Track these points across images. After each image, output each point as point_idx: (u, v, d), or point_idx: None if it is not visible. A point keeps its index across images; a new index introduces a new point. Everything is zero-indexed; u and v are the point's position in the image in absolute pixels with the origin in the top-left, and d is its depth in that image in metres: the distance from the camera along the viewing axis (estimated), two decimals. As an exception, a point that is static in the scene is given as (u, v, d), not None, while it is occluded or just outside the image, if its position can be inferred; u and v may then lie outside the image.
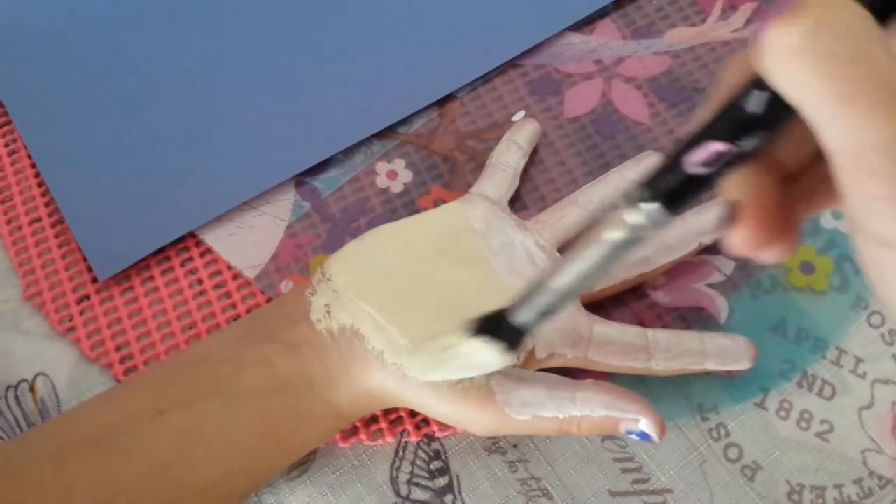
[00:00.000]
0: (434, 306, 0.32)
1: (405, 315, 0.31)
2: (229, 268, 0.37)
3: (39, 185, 0.39)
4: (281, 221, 0.38)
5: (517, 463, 0.34)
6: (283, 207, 0.39)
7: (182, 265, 0.37)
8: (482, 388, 0.30)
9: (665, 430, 0.30)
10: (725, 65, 0.41)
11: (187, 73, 0.41)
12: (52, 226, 0.38)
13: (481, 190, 0.36)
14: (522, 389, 0.30)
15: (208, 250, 0.37)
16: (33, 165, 0.39)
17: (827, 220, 0.38)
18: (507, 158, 0.38)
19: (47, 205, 0.38)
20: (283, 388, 0.30)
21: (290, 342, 0.31)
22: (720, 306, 0.37)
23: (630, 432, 0.30)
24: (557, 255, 0.35)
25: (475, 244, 0.34)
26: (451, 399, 0.30)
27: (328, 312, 0.31)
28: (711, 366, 0.34)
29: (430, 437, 0.34)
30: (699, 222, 0.36)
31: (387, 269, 0.33)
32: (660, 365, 0.33)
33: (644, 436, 0.30)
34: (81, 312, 0.36)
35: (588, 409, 0.30)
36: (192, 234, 0.38)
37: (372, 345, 0.31)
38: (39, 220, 0.38)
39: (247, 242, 0.38)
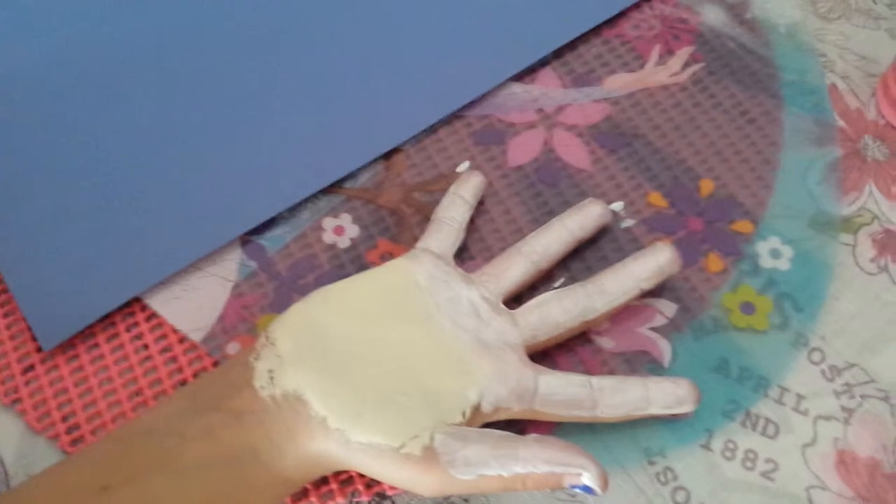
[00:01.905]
0: (379, 367, 0.32)
1: (349, 378, 0.32)
2: (175, 331, 0.37)
3: (-17, 253, 0.39)
4: (227, 282, 0.38)
5: (469, 515, 0.34)
6: (229, 267, 0.39)
7: (128, 331, 0.37)
8: (426, 450, 0.30)
9: (608, 483, 0.30)
10: (665, 109, 0.43)
11: (127, 137, 0.41)
12: (-3, 298, 0.38)
13: (426, 245, 0.37)
14: (466, 449, 0.30)
15: (154, 314, 0.37)
16: (-24, 234, 0.39)
17: (765, 260, 0.39)
18: (452, 213, 0.38)
19: (-10, 273, 0.38)
20: (228, 459, 0.30)
21: (233, 411, 0.31)
22: (663, 349, 0.37)
23: (574, 486, 0.30)
24: (502, 307, 0.36)
25: (420, 300, 0.35)
26: (396, 463, 0.30)
27: (271, 378, 0.31)
28: (656, 410, 0.34)
29: (382, 496, 0.34)
30: (640, 268, 0.36)
31: (331, 331, 0.33)
32: (605, 413, 0.34)
33: (588, 489, 0.30)
34: (27, 383, 0.36)
35: (531, 466, 0.30)
36: (137, 299, 0.38)
37: (315, 411, 0.31)
38: (-18, 289, 0.38)
39: (192, 305, 0.38)
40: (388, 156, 0.42)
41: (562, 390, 0.34)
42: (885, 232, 0.40)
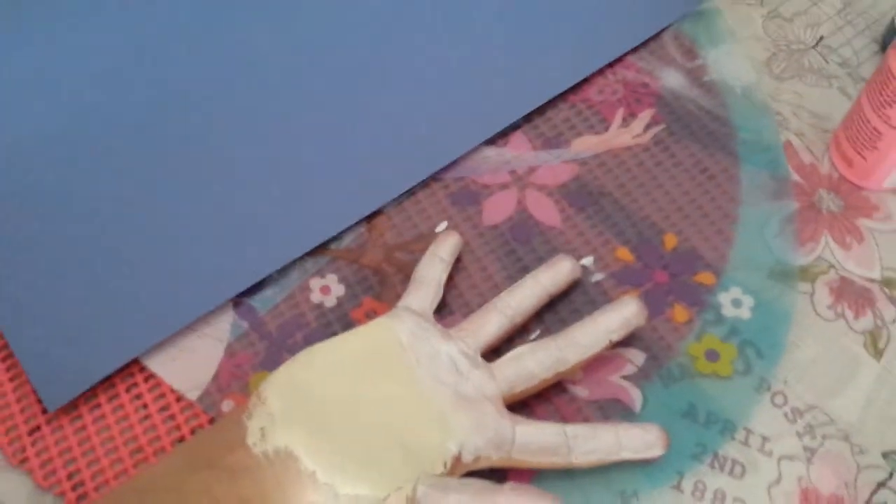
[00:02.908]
0: (363, 423, 0.34)
1: (336, 434, 0.34)
2: (172, 391, 0.39)
3: (-12, 321, 0.41)
4: (220, 342, 0.40)
5: (453, 561, 0.36)
6: (222, 328, 0.41)
7: (127, 391, 0.39)
8: (409, 501, 0.32)
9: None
10: (629, 168, 0.45)
11: (121, 208, 0.43)
12: (2, 360, 0.40)
13: (407, 304, 0.39)
14: (447, 498, 0.32)
15: (152, 375, 0.39)
16: (-19, 302, 0.41)
17: (728, 309, 0.42)
18: (431, 272, 0.41)
19: (-5, 340, 0.40)
20: None
21: (228, 468, 0.33)
22: (634, 397, 0.39)
23: None
24: (481, 360, 0.38)
25: (402, 358, 0.37)
26: None
27: (263, 436, 0.33)
28: (627, 455, 0.37)
29: (370, 542, 0.36)
30: (608, 321, 0.39)
31: (318, 390, 0.35)
32: (580, 459, 0.36)
33: None
34: (33, 443, 0.38)
35: None
36: (136, 361, 0.40)
37: (304, 465, 0.33)
38: (-11, 355, 0.40)
39: (188, 365, 0.40)
40: (370, 218, 0.44)
41: (537, 439, 0.36)
42: (841, 280, 0.43)
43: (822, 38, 0.51)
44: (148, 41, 0.48)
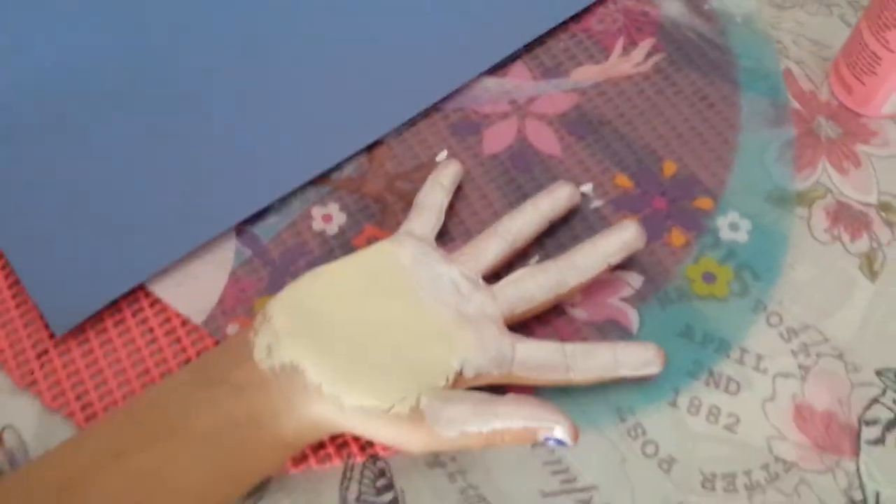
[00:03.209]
0: (367, 339, 0.35)
1: (340, 349, 0.34)
2: (178, 315, 0.40)
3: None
4: (224, 268, 0.41)
5: (456, 474, 0.37)
6: (226, 255, 0.41)
7: (134, 315, 0.40)
8: (413, 411, 0.33)
9: (579, 435, 0.33)
10: (629, 97, 0.45)
11: (128, 136, 0.44)
12: (9, 287, 0.40)
13: (409, 229, 0.40)
14: (449, 409, 0.33)
15: (157, 301, 0.40)
16: (-13, 231, 0.42)
17: (725, 233, 0.42)
18: (432, 198, 0.41)
19: (3, 267, 0.41)
20: (232, 427, 0.33)
21: (235, 383, 0.34)
22: (632, 318, 0.40)
23: (548, 439, 0.33)
24: (482, 283, 0.38)
25: (404, 279, 0.37)
26: (386, 423, 0.33)
27: (270, 352, 0.34)
28: (625, 372, 0.37)
29: (375, 457, 0.37)
30: (607, 244, 0.39)
31: (322, 308, 0.36)
32: (578, 376, 0.37)
33: (560, 442, 0.33)
34: (42, 366, 0.38)
35: (509, 422, 0.33)
36: (141, 287, 0.40)
37: (310, 379, 0.33)
38: (-4, 282, 0.41)
39: (193, 290, 0.40)
40: (370, 148, 0.45)
41: (537, 356, 0.36)
42: (837, 204, 0.43)
43: (822, -34, 0.51)
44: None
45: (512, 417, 0.33)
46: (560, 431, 0.32)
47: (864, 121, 0.45)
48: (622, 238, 0.40)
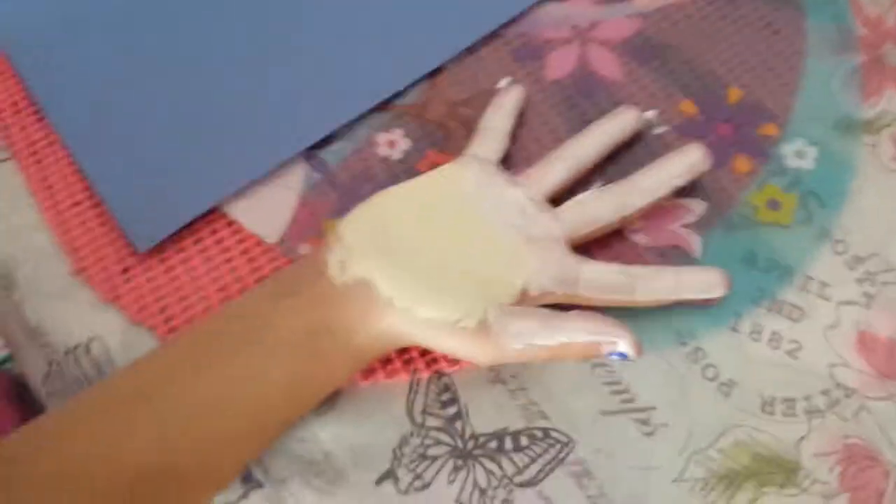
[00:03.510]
0: (436, 256, 0.36)
1: (411, 265, 0.36)
2: (253, 236, 0.41)
3: (76, 171, 0.43)
4: (295, 191, 0.42)
5: (517, 391, 0.38)
6: (297, 179, 0.43)
7: (211, 234, 0.41)
8: (480, 323, 0.34)
9: (641, 350, 0.34)
10: (694, 22, 0.45)
11: (205, 61, 0.45)
12: (93, 207, 0.42)
13: (473, 152, 0.40)
14: (517, 321, 0.34)
15: (233, 222, 0.42)
16: (69, 154, 0.43)
17: (791, 160, 0.42)
18: (496, 122, 0.41)
19: (85, 189, 0.43)
20: (307, 337, 0.34)
21: (311, 296, 0.35)
22: (694, 243, 0.40)
23: (611, 353, 0.34)
24: (546, 205, 0.39)
25: (470, 200, 0.38)
26: (454, 335, 0.34)
27: (343, 268, 0.35)
28: (688, 295, 0.38)
29: (440, 373, 0.38)
30: (672, 166, 0.40)
31: (392, 227, 0.37)
32: (641, 297, 0.37)
33: (623, 356, 0.34)
34: (126, 282, 0.40)
35: (573, 335, 0.34)
36: (217, 209, 0.42)
37: (382, 292, 0.35)
38: (80, 203, 0.42)
39: (267, 212, 0.42)
40: (432, 75, 0.45)
41: (601, 276, 0.37)
42: (906, 131, 0.43)
43: None
44: None
45: (577, 331, 0.34)
46: (623, 345, 0.33)
47: (937, 46, 0.45)
48: (687, 160, 0.40)
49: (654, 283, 0.38)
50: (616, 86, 0.44)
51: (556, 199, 0.41)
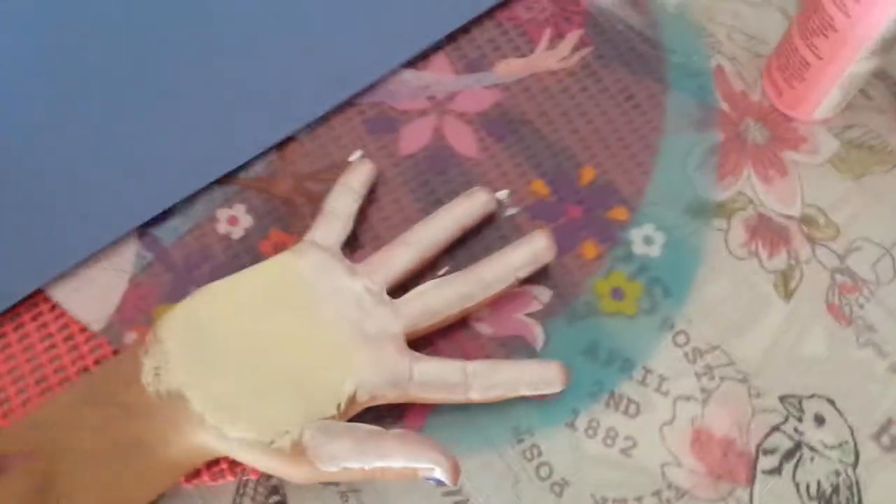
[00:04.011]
0: (258, 362, 0.35)
1: (228, 375, 0.34)
2: (76, 322, 0.39)
3: None
4: (125, 273, 0.40)
5: (349, 493, 0.37)
6: (127, 259, 0.41)
7: (33, 320, 0.39)
8: (294, 445, 0.33)
9: (458, 476, 0.33)
10: (553, 94, 0.44)
11: (30, 128, 0.42)
12: None
13: (313, 238, 0.39)
14: (331, 445, 0.33)
15: (57, 306, 0.39)
16: None
17: (638, 246, 0.41)
18: (340, 204, 0.40)
19: None
20: (118, 450, 0.33)
21: (123, 405, 0.33)
22: (537, 334, 0.40)
23: (428, 479, 0.33)
24: (385, 297, 0.38)
25: (303, 294, 0.37)
26: (267, 455, 0.33)
27: (157, 375, 0.34)
28: (525, 392, 0.37)
29: (268, 475, 0.37)
30: (516, 256, 0.38)
31: (214, 328, 0.35)
32: (477, 396, 0.37)
33: (440, 482, 0.33)
34: (-65, 375, 0.38)
35: (389, 460, 0.33)
36: (41, 291, 0.40)
37: (194, 408, 0.33)
38: None
39: (92, 296, 0.40)
40: (281, 145, 0.43)
41: (436, 377, 0.36)
42: (758, 217, 0.42)
43: (768, -48, 0.48)
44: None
45: (393, 456, 0.33)
46: (440, 473, 0.32)
47: (794, 125, 0.44)
48: (531, 251, 0.39)
49: (490, 381, 0.37)
50: (470, 162, 0.43)
51: (403, 285, 0.39)
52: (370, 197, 0.42)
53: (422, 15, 0.45)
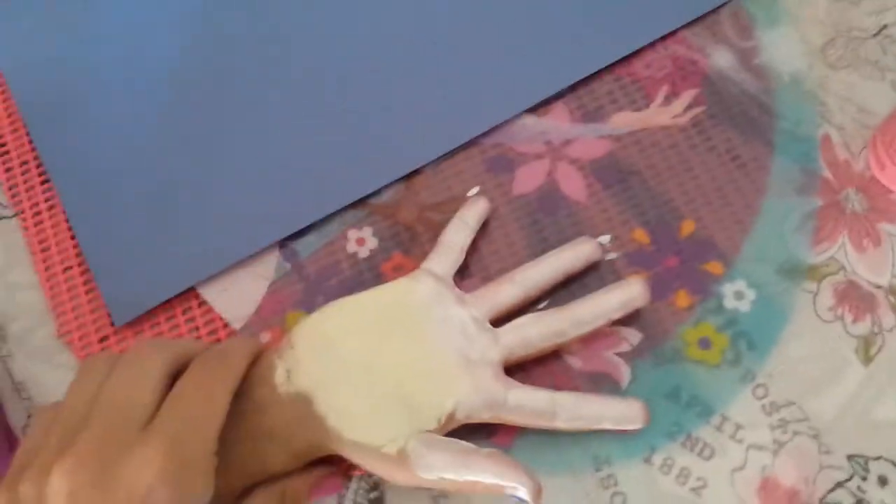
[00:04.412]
0: (374, 375, 0.40)
1: (349, 384, 0.39)
2: (220, 319, 0.45)
3: (72, 237, 0.47)
4: (266, 279, 0.46)
5: (439, 497, 0.41)
6: (269, 267, 0.46)
7: (183, 314, 0.45)
8: (400, 452, 0.38)
9: (541, 498, 0.37)
10: (662, 149, 0.47)
11: (200, 146, 0.48)
12: (81, 273, 0.46)
13: (430, 266, 0.43)
14: (431, 456, 0.37)
15: (205, 303, 0.45)
16: (67, 220, 0.47)
17: (729, 301, 0.44)
18: (455, 237, 0.44)
19: (78, 255, 0.47)
20: (251, 438, 0.38)
21: (257, 400, 0.39)
22: (624, 373, 0.43)
23: (513, 496, 0.37)
24: (488, 326, 0.42)
25: (417, 318, 0.41)
26: (376, 459, 0.38)
27: (288, 377, 0.39)
28: (608, 426, 0.41)
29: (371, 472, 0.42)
30: (612, 299, 0.42)
31: (339, 341, 0.40)
32: (562, 425, 0.40)
33: (523, 501, 0.37)
34: (102, 350, 0.45)
35: (481, 475, 0.37)
36: (192, 289, 0.46)
37: (318, 409, 0.38)
38: (71, 268, 0.46)
39: (236, 297, 0.45)
40: (409, 176, 0.48)
41: (527, 404, 0.40)
42: (847, 283, 0.44)
43: (885, 26, 0.50)
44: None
45: (484, 473, 0.37)
46: (523, 492, 0.37)
47: (894, 198, 0.46)
48: (626, 296, 0.42)
49: (577, 412, 0.40)
50: (578, 206, 0.47)
51: (504, 317, 0.43)
52: (483, 230, 0.46)
53: (547, 67, 0.49)
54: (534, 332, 0.42)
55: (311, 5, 0.52)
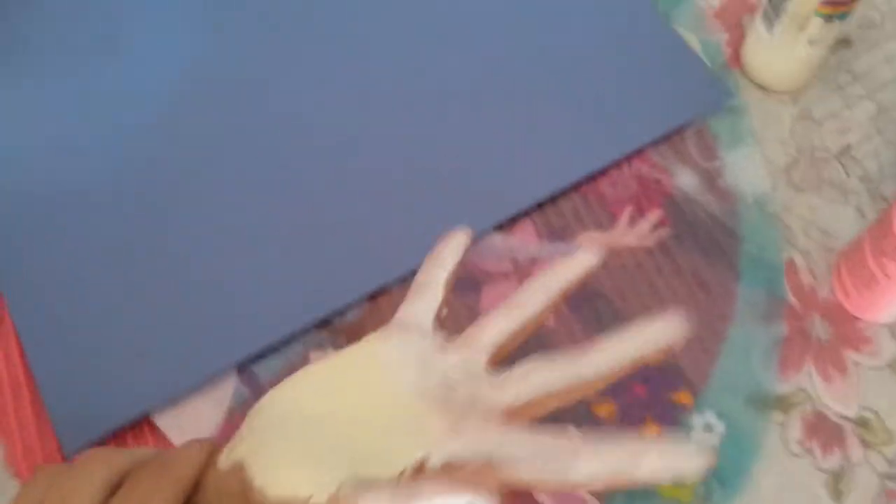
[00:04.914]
0: (316, 433, 0.36)
1: (285, 443, 0.36)
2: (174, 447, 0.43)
3: (21, 356, 0.45)
4: (222, 405, 0.44)
5: None
6: (226, 392, 0.45)
7: (135, 440, 0.43)
8: (332, 499, 0.34)
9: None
10: (629, 272, 0.46)
11: (150, 267, 0.47)
12: (31, 403, 0.44)
13: (400, 317, 0.39)
14: (366, 496, 0.34)
15: (158, 430, 0.44)
16: (18, 337, 0.45)
17: (698, 433, 0.44)
18: (430, 275, 0.40)
19: (28, 377, 0.45)
20: None
21: (203, 485, 0.35)
22: (593, 510, 0.42)
23: None
24: (482, 369, 0.38)
25: (384, 375, 0.38)
26: None
27: (230, 451, 0.36)
28: (654, 463, 0.37)
29: None
30: (633, 335, 0.37)
31: (292, 408, 0.37)
32: (585, 470, 0.34)
33: None
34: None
35: (430, 499, 0.33)
36: (145, 415, 0.44)
37: (248, 474, 0.34)
38: (20, 389, 0.44)
39: (192, 425, 0.44)
40: (374, 295, 0.47)
41: (527, 443, 0.35)
42: (815, 414, 0.44)
43: (848, 146, 0.50)
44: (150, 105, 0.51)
45: (433, 494, 0.34)
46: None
47: (860, 325, 0.46)
48: (653, 330, 0.36)
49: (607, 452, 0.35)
50: (545, 328, 0.46)
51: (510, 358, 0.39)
52: (449, 353, 0.45)
53: (514, 185, 0.49)
54: (544, 372, 0.37)
55: (264, 118, 0.52)
